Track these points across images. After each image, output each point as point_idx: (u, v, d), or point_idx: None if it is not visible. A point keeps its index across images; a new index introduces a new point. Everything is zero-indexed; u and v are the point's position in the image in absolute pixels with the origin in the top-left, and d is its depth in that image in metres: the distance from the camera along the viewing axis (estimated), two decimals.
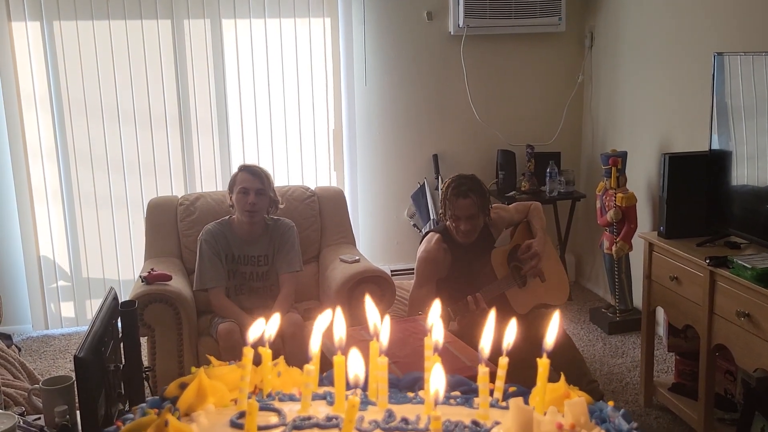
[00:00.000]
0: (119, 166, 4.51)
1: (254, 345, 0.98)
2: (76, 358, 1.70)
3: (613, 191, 4.17)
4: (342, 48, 4.64)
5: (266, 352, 1.03)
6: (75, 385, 1.91)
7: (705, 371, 3.00)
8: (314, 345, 1.00)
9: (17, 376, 2.92)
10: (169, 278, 3.30)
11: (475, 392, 0.99)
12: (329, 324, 1.05)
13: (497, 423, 0.89)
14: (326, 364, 1.08)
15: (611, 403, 0.93)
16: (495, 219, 3.43)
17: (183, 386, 0.97)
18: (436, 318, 1.02)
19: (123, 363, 2.10)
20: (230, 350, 3.17)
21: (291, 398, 1.01)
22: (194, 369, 1.02)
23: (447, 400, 1.00)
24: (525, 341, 1.30)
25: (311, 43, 4.62)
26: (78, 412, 1.90)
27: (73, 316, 4.63)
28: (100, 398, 1.79)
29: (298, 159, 4.73)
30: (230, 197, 3.45)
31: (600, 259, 4.70)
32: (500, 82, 4.87)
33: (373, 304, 1.06)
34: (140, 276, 3.33)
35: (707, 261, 2.85)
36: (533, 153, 4.74)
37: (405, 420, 0.93)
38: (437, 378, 0.86)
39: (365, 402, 0.99)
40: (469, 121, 4.84)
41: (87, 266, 4.60)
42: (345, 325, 1.02)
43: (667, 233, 3.21)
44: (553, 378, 1.02)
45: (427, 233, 3.49)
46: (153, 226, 3.74)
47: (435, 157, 4.83)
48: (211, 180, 4.64)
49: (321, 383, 1.07)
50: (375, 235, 4.94)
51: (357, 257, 3.61)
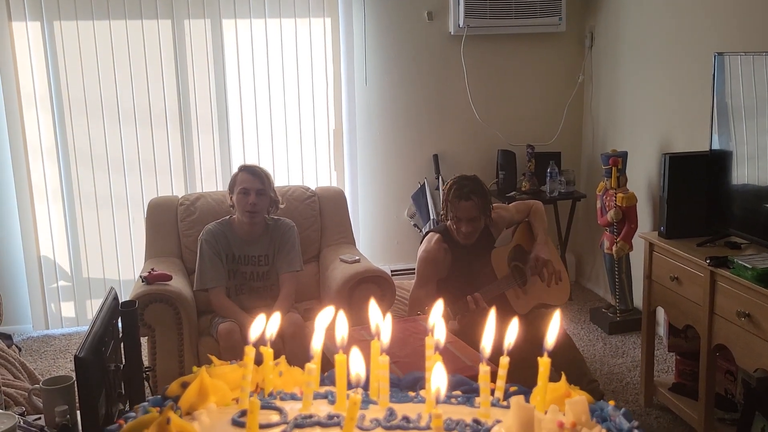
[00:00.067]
0: (120, 166, 4.51)
1: (255, 344, 0.98)
2: (77, 358, 1.70)
3: (614, 191, 4.17)
4: (342, 48, 4.64)
5: (268, 352, 1.03)
6: (75, 385, 1.91)
7: (705, 371, 3.00)
8: (316, 343, 1.00)
9: (17, 376, 2.91)
10: (170, 278, 3.31)
11: (476, 392, 0.99)
12: (331, 321, 1.05)
13: (498, 422, 0.89)
14: (327, 365, 1.08)
15: (612, 403, 0.93)
16: (495, 219, 3.43)
17: (185, 385, 0.97)
18: (438, 317, 1.02)
19: (123, 363, 2.09)
20: (231, 350, 3.17)
21: (292, 397, 1.01)
22: (195, 368, 1.02)
23: (448, 399, 1.00)
24: (525, 341, 1.30)
25: (311, 43, 4.62)
26: (78, 412, 1.90)
27: (74, 316, 4.62)
28: (101, 398, 1.79)
29: (299, 159, 4.73)
30: (230, 197, 3.45)
31: (600, 259, 4.70)
32: (500, 82, 4.87)
33: (377, 307, 1.06)
34: (140, 276, 3.34)
35: (708, 261, 2.85)
36: (533, 153, 4.75)
37: (406, 418, 0.93)
38: (438, 376, 0.86)
39: (366, 401, 0.99)
40: (470, 121, 4.84)
41: (87, 266, 4.60)
42: (347, 325, 1.02)
43: (668, 233, 3.21)
44: (554, 378, 1.02)
45: (428, 233, 3.49)
46: (153, 226, 3.74)
47: (435, 157, 4.83)
48: (212, 180, 4.64)
49: (322, 383, 1.07)
50: (375, 235, 4.94)
51: (357, 257, 3.61)
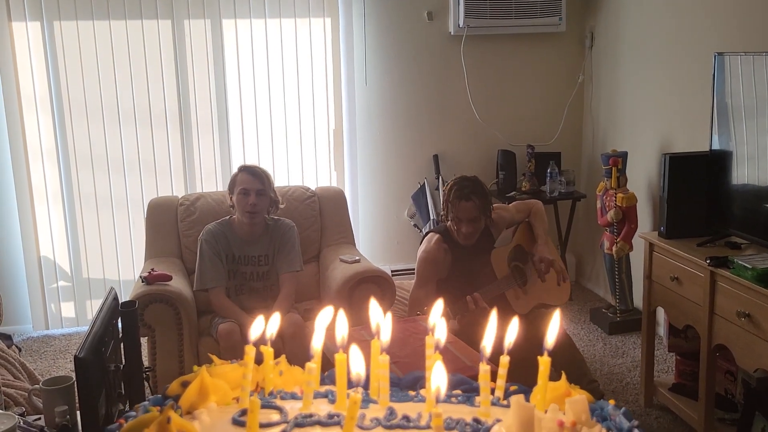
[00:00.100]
0: (119, 167, 4.51)
1: (256, 343, 0.98)
2: (77, 359, 1.70)
3: (614, 191, 4.17)
4: (342, 48, 4.64)
5: (268, 351, 1.03)
6: (75, 386, 1.91)
7: (705, 371, 3.00)
8: (316, 342, 1.00)
9: (17, 377, 2.91)
10: (170, 278, 3.30)
11: (477, 391, 0.99)
12: (331, 321, 1.05)
13: (498, 421, 0.89)
14: (327, 365, 1.08)
15: (612, 402, 0.93)
16: (496, 219, 3.43)
17: (185, 384, 0.97)
18: (439, 317, 1.02)
19: (123, 363, 2.09)
20: (231, 350, 3.17)
21: (293, 396, 1.01)
22: (196, 367, 1.02)
23: (448, 399, 1.00)
24: (525, 341, 1.29)
25: (311, 43, 4.62)
26: (78, 413, 1.90)
27: (74, 317, 4.62)
28: (101, 398, 1.79)
29: (299, 159, 4.73)
30: (230, 198, 3.45)
31: (600, 259, 4.70)
32: (500, 82, 4.87)
33: (379, 307, 1.06)
34: (140, 276, 3.33)
35: (708, 261, 2.85)
36: (534, 153, 4.75)
37: (406, 417, 0.93)
38: (439, 375, 0.86)
39: (367, 400, 0.99)
40: (470, 121, 4.84)
41: (87, 266, 4.60)
42: (347, 324, 1.02)
43: (668, 233, 3.21)
44: (554, 378, 1.02)
45: (428, 233, 3.49)
46: (153, 226, 3.74)
47: (435, 157, 4.83)
48: (212, 180, 4.64)
49: (322, 382, 1.07)
50: (375, 235, 4.94)
51: (357, 257, 3.61)
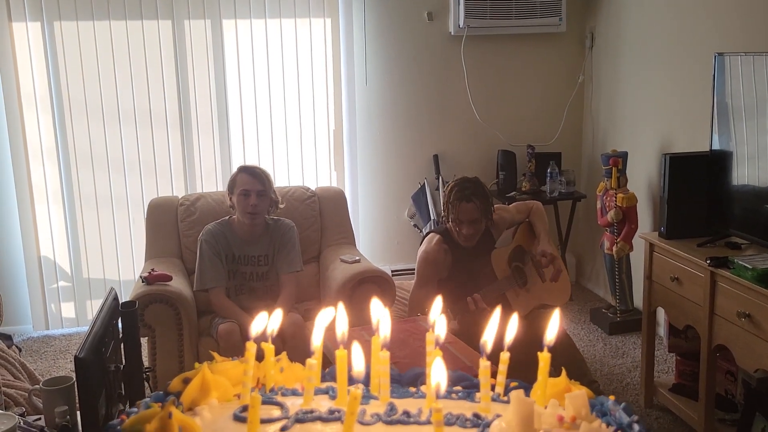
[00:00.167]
0: (120, 167, 4.51)
1: (257, 340, 0.98)
2: (77, 359, 1.70)
3: (614, 191, 4.17)
4: (342, 48, 4.64)
5: (269, 348, 1.03)
6: (75, 386, 1.91)
7: (705, 372, 3.00)
8: (316, 339, 1.00)
9: (17, 377, 2.91)
10: (170, 278, 3.30)
11: (477, 387, 0.99)
12: (331, 321, 1.05)
13: (498, 416, 0.89)
14: (327, 365, 1.08)
15: (612, 398, 0.93)
16: (496, 220, 3.43)
17: (186, 381, 0.97)
18: (439, 313, 1.02)
19: (123, 363, 2.09)
20: (231, 350, 3.17)
21: (293, 393, 1.01)
22: (197, 365, 1.02)
23: (449, 395, 1.00)
24: (525, 342, 1.29)
25: (312, 44, 4.62)
26: (78, 413, 1.90)
27: (74, 317, 4.62)
28: (101, 399, 1.78)
29: (299, 159, 4.73)
30: (230, 198, 3.45)
31: (600, 260, 4.70)
32: (501, 83, 4.87)
33: (381, 304, 1.06)
34: (141, 276, 3.33)
35: (708, 261, 2.85)
36: (534, 153, 4.75)
37: (407, 413, 0.93)
38: (438, 371, 0.86)
39: (367, 396, 0.99)
40: (470, 122, 4.84)
41: (87, 266, 4.59)
42: (347, 321, 1.02)
43: (668, 233, 3.21)
44: (554, 376, 1.02)
45: (428, 234, 3.49)
46: (153, 227, 3.74)
47: (435, 158, 4.83)
48: (212, 180, 4.64)
49: (323, 379, 1.07)
50: (375, 236, 4.94)
51: (357, 257, 3.61)
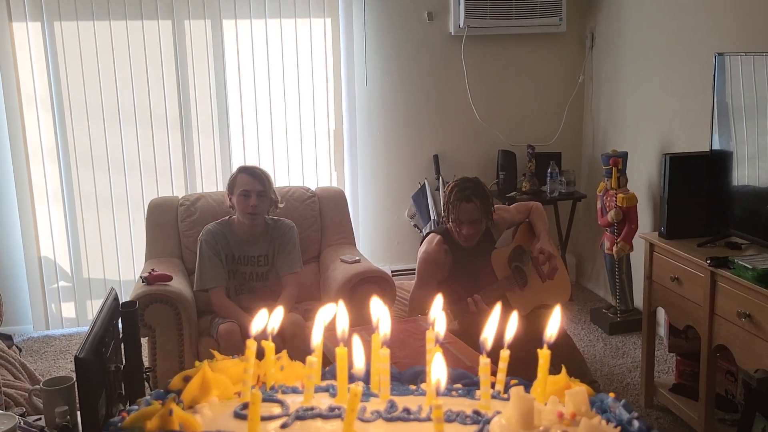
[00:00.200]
0: (120, 167, 4.51)
1: (257, 338, 0.99)
2: (77, 359, 1.70)
3: (614, 191, 4.17)
4: (342, 48, 4.64)
5: (269, 346, 1.03)
6: (76, 386, 1.91)
7: (706, 372, 3.00)
8: (316, 337, 1.00)
9: (18, 377, 2.91)
10: (170, 279, 3.31)
11: (477, 385, 1.00)
12: (330, 320, 1.05)
13: (498, 413, 0.89)
14: (327, 365, 1.08)
15: (612, 395, 0.93)
16: (497, 220, 3.43)
17: (187, 379, 0.98)
18: (439, 311, 1.02)
19: (124, 363, 2.09)
20: (231, 350, 3.16)
21: (294, 391, 1.01)
22: (198, 363, 1.02)
23: (449, 392, 1.00)
24: (526, 342, 1.28)
25: (312, 44, 4.62)
26: (78, 413, 1.90)
27: (74, 317, 4.62)
28: (101, 399, 1.79)
29: (299, 159, 4.73)
30: (230, 199, 3.45)
31: (601, 260, 4.70)
32: (501, 83, 4.87)
33: (381, 303, 1.06)
34: (141, 276, 3.33)
35: (708, 261, 2.85)
36: (534, 153, 4.75)
37: (407, 410, 0.93)
38: (438, 367, 0.86)
39: (367, 394, 0.99)
40: (470, 122, 4.84)
41: (88, 267, 4.59)
42: (348, 318, 1.02)
43: (668, 234, 3.21)
44: (554, 374, 1.02)
45: (428, 234, 3.49)
46: (154, 227, 3.74)
47: (435, 158, 4.83)
48: (212, 180, 4.64)
49: (324, 377, 1.07)
50: (375, 236, 4.94)
51: (357, 257, 3.61)
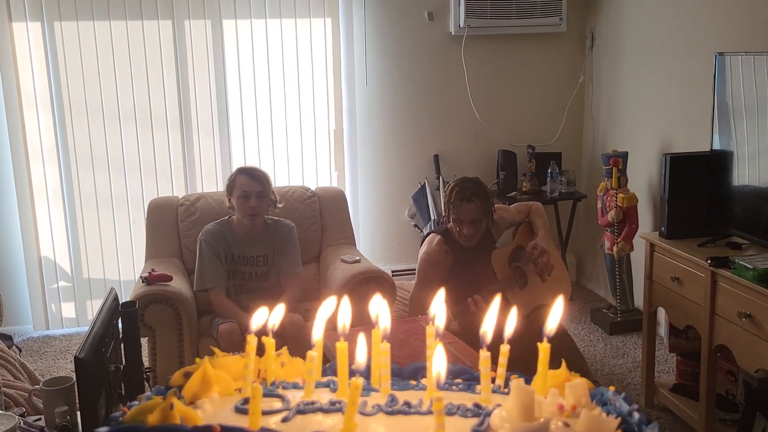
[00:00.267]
0: (120, 167, 4.51)
1: (257, 334, 0.99)
2: (77, 359, 1.70)
3: (614, 191, 4.17)
4: (343, 48, 4.65)
5: (270, 342, 1.03)
6: (75, 386, 1.91)
7: (706, 372, 2.99)
8: (317, 331, 1.00)
9: (18, 377, 2.91)
10: (170, 279, 3.31)
11: (477, 380, 1.00)
12: (331, 316, 1.06)
13: (499, 405, 0.89)
14: (327, 363, 1.08)
15: (612, 388, 0.94)
16: (497, 220, 3.43)
17: (187, 375, 0.98)
18: (440, 305, 1.02)
19: (124, 364, 2.09)
20: (231, 350, 3.11)
21: (294, 386, 1.01)
22: (198, 360, 1.02)
23: (449, 387, 1.00)
24: (526, 341, 1.28)
25: (312, 44, 4.62)
26: (78, 413, 1.90)
27: (74, 317, 4.62)
28: (101, 399, 1.79)
29: (299, 159, 4.73)
30: (229, 200, 3.44)
31: (601, 260, 4.69)
32: (501, 83, 4.88)
33: (383, 300, 1.06)
34: (141, 276, 3.33)
35: (708, 261, 2.85)
36: (534, 153, 4.75)
37: (408, 404, 0.93)
38: (439, 360, 0.87)
39: (368, 389, 0.99)
40: (470, 122, 4.84)
41: (88, 267, 4.59)
42: (350, 313, 1.02)
43: (668, 233, 3.21)
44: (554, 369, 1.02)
45: (429, 234, 3.49)
46: (154, 227, 3.74)
47: (436, 158, 4.83)
48: (212, 180, 4.64)
49: (324, 373, 1.07)
50: (375, 236, 4.94)
51: (357, 257, 3.61)
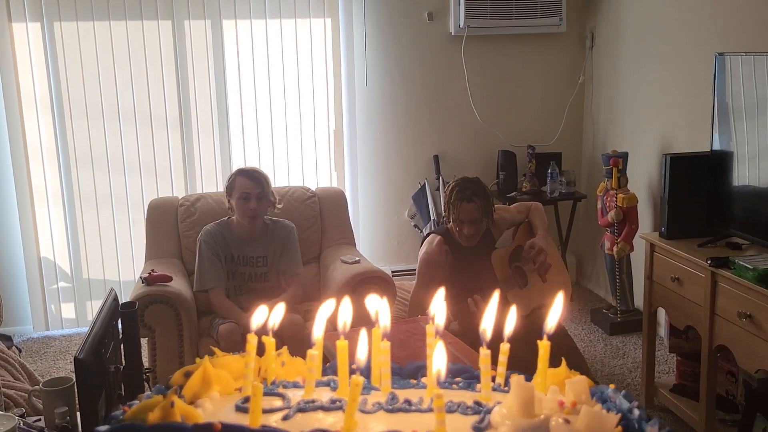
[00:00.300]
0: (120, 167, 4.51)
1: (257, 333, 0.99)
2: (77, 360, 1.70)
3: (614, 192, 4.17)
4: (342, 48, 4.65)
5: (270, 341, 1.03)
6: (75, 387, 1.91)
7: (706, 372, 2.99)
8: (317, 331, 1.00)
9: (17, 378, 2.91)
10: (170, 279, 3.30)
11: (477, 379, 1.00)
12: (332, 315, 1.06)
13: (499, 403, 0.89)
14: (326, 363, 1.08)
15: (612, 386, 0.94)
16: (497, 220, 3.43)
17: (188, 375, 0.97)
18: (440, 303, 1.02)
19: (123, 364, 2.09)
20: (231, 351, 3.13)
21: (294, 385, 1.01)
22: (198, 359, 1.02)
23: (449, 385, 1.00)
24: (526, 341, 1.28)
25: (312, 44, 4.62)
26: (78, 414, 1.90)
27: (74, 317, 4.62)
28: (101, 399, 1.79)
29: (299, 159, 4.73)
30: (228, 201, 3.44)
31: (601, 260, 4.69)
32: (501, 83, 4.87)
33: (378, 297, 1.06)
34: (141, 277, 3.33)
35: (708, 262, 2.85)
36: (534, 153, 4.75)
37: (408, 401, 0.93)
38: (439, 357, 0.86)
39: (368, 387, 0.99)
40: (470, 122, 4.84)
41: (87, 267, 4.59)
42: (351, 312, 1.02)
43: (669, 234, 3.21)
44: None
45: (429, 234, 3.49)
46: (153, 227, 3.74)
47: (436, 158, 4.83)
48: (212, 181, 4.64)
49: (324, 373, 1.07)
50: (375, 236, 4.94)
51: (357, 258, 3.60)
